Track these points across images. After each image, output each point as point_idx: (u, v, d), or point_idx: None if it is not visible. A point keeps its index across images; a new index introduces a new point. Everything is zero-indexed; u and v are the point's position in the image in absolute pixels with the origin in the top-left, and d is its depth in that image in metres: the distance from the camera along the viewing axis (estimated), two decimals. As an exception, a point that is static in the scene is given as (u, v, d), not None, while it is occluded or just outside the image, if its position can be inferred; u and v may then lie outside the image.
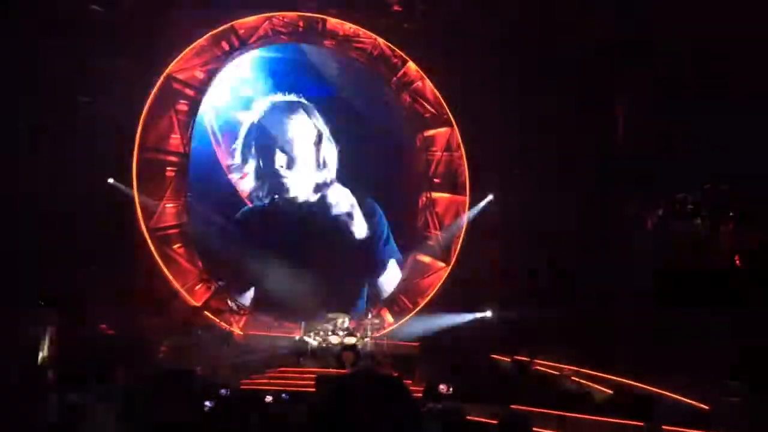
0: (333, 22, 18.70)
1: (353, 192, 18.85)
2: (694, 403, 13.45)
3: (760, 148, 13.39)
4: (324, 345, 15.80)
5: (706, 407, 13.26)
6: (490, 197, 18.64)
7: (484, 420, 9.79)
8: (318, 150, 18.70)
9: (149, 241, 16.14)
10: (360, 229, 18.84)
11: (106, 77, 16.05)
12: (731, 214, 14.49)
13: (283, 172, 18.21)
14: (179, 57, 17.03)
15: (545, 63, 18.18)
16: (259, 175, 18.17)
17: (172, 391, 9.14)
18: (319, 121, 18.90)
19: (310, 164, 18.62)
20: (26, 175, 14.61)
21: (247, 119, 18.30)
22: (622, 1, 16.86)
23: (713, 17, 14.15)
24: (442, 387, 12.60)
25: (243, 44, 17.99)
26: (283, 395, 9.47)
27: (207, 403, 7.44)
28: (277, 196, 18.27)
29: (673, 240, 15.60)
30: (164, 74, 16.84)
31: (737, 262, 14.40)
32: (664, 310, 14.82)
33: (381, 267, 18.93)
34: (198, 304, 16.42)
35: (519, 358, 15.64)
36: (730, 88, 14.21)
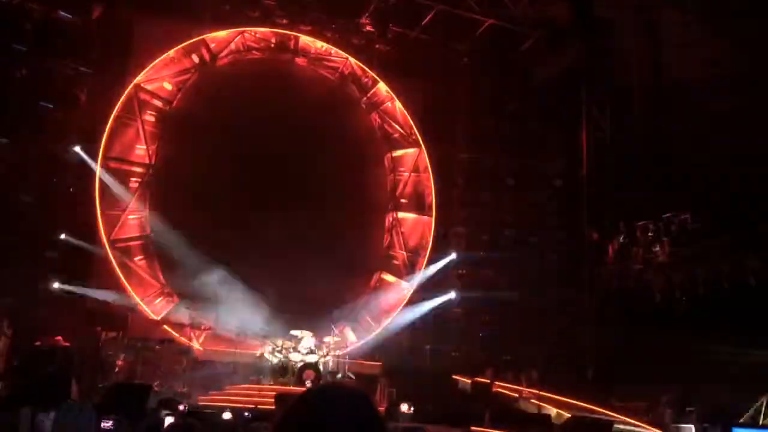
0: (305, 40, 18.78)
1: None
2: (649, 428, 13.67)
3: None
4: (285, 362, 15.64)
5: (661, 432, 13.49)
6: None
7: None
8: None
9: (109, 253, 15.84)
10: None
11: (73, 84, 15.84)
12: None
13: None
14: (148, 67, 16.88)
15: (513, 87, 18.57)
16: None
17: (127, 407, 8.94)
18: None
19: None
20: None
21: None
22: (590, 26, 17.31)
23: (678, 48, 14.65)
24: (404, 406, 12.61)
25: (213, 58, 17.94)
26: (246, 413, 9.32)
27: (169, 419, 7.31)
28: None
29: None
30: (132, 84, 16.66)
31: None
32: (626, 336, 15.09)
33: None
34: (157, 317, 16.14)
35: (479, 379, 15.71)
36: (696, 116, 14.67)
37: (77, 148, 15.49)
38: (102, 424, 6.31)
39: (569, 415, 14.32)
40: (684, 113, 15.09)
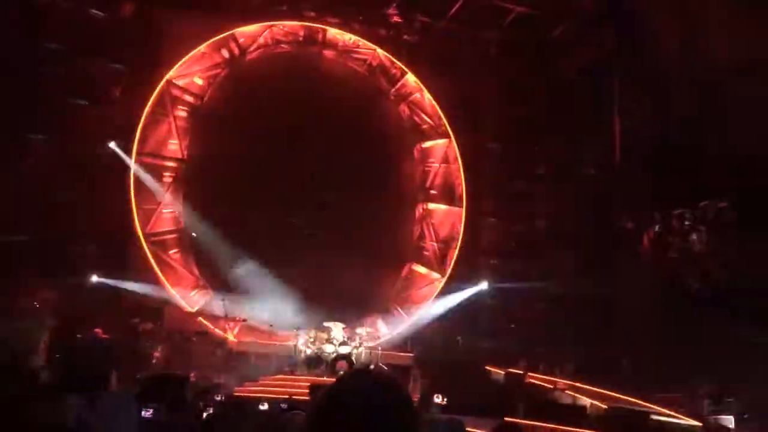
0: (333, 32, 18.79)
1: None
2: (687, 419, 13.47)
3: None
4: (318, 353, 15.77)
5: (699, 424, 13.28)
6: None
7: (478, 432, 9.77)
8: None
9: (145, 246, 16.11)
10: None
11: (106, 81, 16.10)
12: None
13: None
14: (179, 63, 17.08)
15: (544, 76, 18.31)
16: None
17: (165, 397, 9.09)
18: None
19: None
20: (23, 177, 14.60)
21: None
22: (622, 14, 16.98)
23: (714, 34, 14.31)
24: (437, 397, 12.60)
25: (243, 52, 18.05)
26: (282, 404, 9.42)
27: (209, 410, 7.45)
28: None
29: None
30: (164, 80, 16.87)
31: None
32: (662, 327, 14.87)
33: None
34: (192, 310, 16.39)
35: (513, 370, 15.63)
36: (729, 102, 14.33)
37: (112, 144, 15.80)
38: (142, 414, 6.44)
39: (605, 407, 14.19)
40: (721, 98, 14.73)
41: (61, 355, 12.62)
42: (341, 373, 14.69)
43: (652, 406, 13.74)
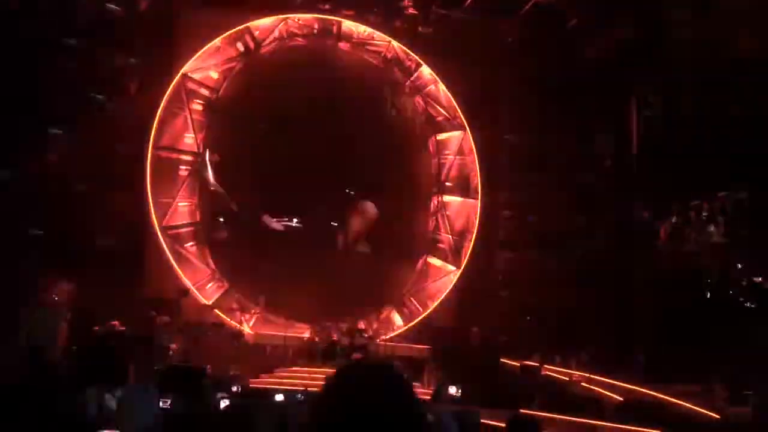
0: (348, 24, 18.74)
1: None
2: (704, 411, 13.38)
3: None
4: (333, 346, 15.82)
5: (717, 416, 13.19)
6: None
7: (493, 423, 9.78)
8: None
9: (161, 239, 16.23)
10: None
11: (122, 76, 16.19)
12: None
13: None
14: (194, 57, 17.14)
15: (560, 67, 18.16)
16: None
17: (183, 388, 9.17)
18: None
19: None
20: (40, 171, 14.75)
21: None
22: (638, 5, 16.80)
23: (731, 24, 14.13)
24: (452, 389, 12.61)
25: (258, 46, 18.08)
26: (299, 395, 9.48)
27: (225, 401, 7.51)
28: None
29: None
30: (179, 74, 16.95)
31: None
32: (679, 318, 14.78)
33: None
34: (208, 302, 16.51)
35: (528, 362, 15.60)
36: (749, 93, 14.15)
37: None
38: (161, 404, 6.50)
39: (621, 399, 14.14)
40: (740, 88, 14.55)
41: (79, 347, 12.77)
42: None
43: (669, 398, 13.67)
